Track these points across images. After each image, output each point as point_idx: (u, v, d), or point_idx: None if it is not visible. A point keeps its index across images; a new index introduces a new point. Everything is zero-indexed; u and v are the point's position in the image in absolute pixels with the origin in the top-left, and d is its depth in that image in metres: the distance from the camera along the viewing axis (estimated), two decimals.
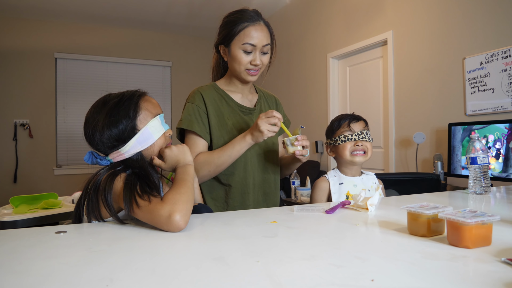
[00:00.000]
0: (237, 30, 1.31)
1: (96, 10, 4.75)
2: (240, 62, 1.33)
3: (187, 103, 1.39)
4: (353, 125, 1.39)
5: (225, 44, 1.35)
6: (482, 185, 1.34)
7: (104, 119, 0.99)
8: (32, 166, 4.99)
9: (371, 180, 1.42)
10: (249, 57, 1.32)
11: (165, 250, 0.72)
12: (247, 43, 1.30)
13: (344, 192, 1.37)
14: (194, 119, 1.35)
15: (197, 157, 1.32)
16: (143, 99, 1.05)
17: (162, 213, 0.83)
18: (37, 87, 5.03)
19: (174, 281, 0.54)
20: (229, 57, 1.35)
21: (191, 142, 1.35)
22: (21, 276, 0.57)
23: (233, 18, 1.33)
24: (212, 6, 4.69)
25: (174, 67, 5.80)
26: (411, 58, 3.02)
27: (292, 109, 4.59)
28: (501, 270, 0.56)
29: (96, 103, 1.05)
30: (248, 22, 1.32)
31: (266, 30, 1.34)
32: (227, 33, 1.33)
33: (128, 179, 0.94)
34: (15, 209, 2.12)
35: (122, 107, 1.00)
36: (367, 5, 3.46)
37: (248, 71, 1.35)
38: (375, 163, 3.45)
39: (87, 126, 1.02)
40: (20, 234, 0.84)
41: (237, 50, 1.32)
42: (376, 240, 0.76)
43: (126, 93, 1.05)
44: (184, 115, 1.37)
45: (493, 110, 2.40)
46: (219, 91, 1.42)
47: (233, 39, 1.32)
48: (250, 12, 1.35)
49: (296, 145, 1.28)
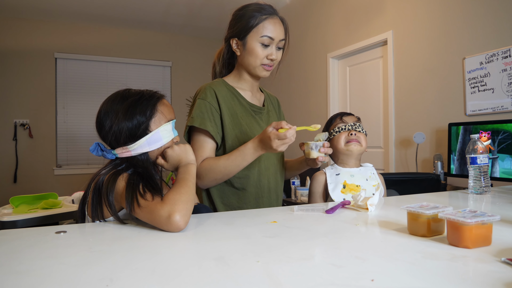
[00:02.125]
0: (255, 23, 1.26)
1: (96, 10, 4.75)
2: (257, 56, 1.27)
3: (198, 99, 1.29)
4: (346, 117, 1.42)
5: (240, 37, 1.29)
6: (482, 185, 1.34)
7: (123, 111, 1.00)
8: (32, 166, 4.99)
9: (369, 171, 1.39)
10: (266, 51, 1.28)
11: (165, 250, 0.72)
12: (265, 36, 1.26)
13: (340, 182, 1.34)
14: (207, 117, 1.26)
15: (203, 163, 1.23)
16: (161, 102, 1.07)
17: (162, 213, 0.83)
18: (37, 87, 5.03)
19: (174, 281, 0.54)
20: (244, 51, 1.29)
21: (200, 143, 1.26)
22: (21, 276, 0.57)
23: (250, 11, 1.28)
24: (212, 6, 4.69)
25: (174, 67, 5.80)
26: (411, 58, 3.02)
27: (292, 109, 4.59)
28: (501, 270, 0.56)
29: (115, 95, 1.05)
30: (267, 15, 1.28)
31: (282, 25, 1.31)
32: (243, 25, 1.27)
33: (130, 179, 0.94)
34: (15, 209, 2.12)
35: (141, 105, 1.02)
36: (367, 5, 3.46)
37: (263, 66, 1.30)
38: (375, 163, 3.45)
39: (102, 115, 1.02)
40: (20, 234, 0.84)
41: (254, 43, 1.26)
42: (376, 240, 0.76)
43: (146, 92, 1.06)
44: (196, 112, 1.26)
45: (493, 110, 2.40)
46: (230, 88, 1.34)
47: (251, 31, 1.26)
48: (267, 5, 1.31)
49: (322, 151, 1.24)
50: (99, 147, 1.02)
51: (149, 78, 5.64)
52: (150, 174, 0.99)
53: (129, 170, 1.00)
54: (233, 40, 1.32)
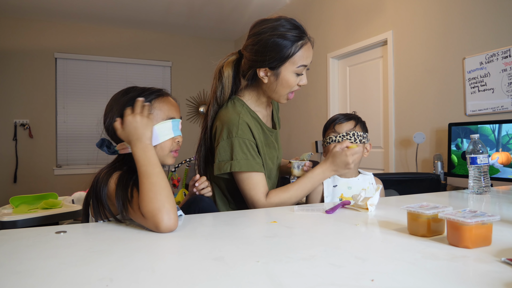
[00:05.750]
0: (291, 52, 1.14)
1: (96, 10, 4.75)
2: (290, 86, 1.18)
3: (236, 137, 1.18)
4: (339, 126, 1.34)
5: (272, 67, 1.17)
6: (482, 185, 1.33)
7: (120, 106, 1.00)
8: (32, 166, 4.99)
9: (368, 180, 1.37)
10: (298, 79, 1.19)
11: (165, 250, 0.72)
12: (302, 66, 1.16)
13: (337, 195, 1.32)
14: (251, 158, 1.19)
15: (271, 199, 1.18)
16: (161, 99, 1.05)
17: (148, 225, 0.84)
18: (37, 87, 5.03)
19: (174, 281, 0.54)
20: (276, 81, 1.19)
21: (253, 180, 1.19)
22: (21, 276, 0.56)
23: (282, 37, 1.14)
24: (212, 6, 4.69)
25: (174, 67, 5.80)
26: (411, 58, 3.02)
27: (292, 109, 4.60)
28: (501, 270, 0.56)
29: (120, 91, 1.06)
30: (302, 41, 1.15)
31: (311, 48, 1.21)
32: (277, 56, 1.14)
33: (120, 179, 0.93)
34: (15, 209, 2.12)
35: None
36: (367, 5, 3.46)
37: (291, 93, 1.22)
38: (375, 163, 3.45)
39: (105, 111, 1.04)
40: (20, 234, 0.84)
41: (289, 74, 1.17)
42: (376, 240, 0.76)
43: (148, 89, 1.06)
44: (239, 155, 1.17)
45: (493, 110, 2.40)
46: (252, 114, 1.27)
47: (286, 62, 1.15)
48: (297, 26, 1.16)
49: (304, 170, 1.27)
50: (104, 142, 1.02)
51: (149, 78, 5.63)
52: None
53: (124, 167, 1.00)
54: (260, 70, 1.19)
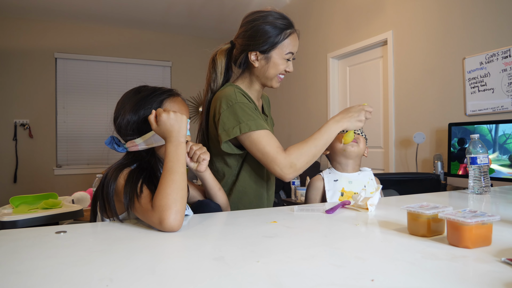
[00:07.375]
0: (281, 39, 1.25)
1: (96, 10, 4.75)
2: (279, 70, 1.28)
3: (236, 103, 1.21)
4: None
5: (262, 51, 1.26)
6: (482, 185, 1.33)
7: (130, 105, 1.02)
8: (32, 166, 4.99)
9: (368, 176, 1.39)
10: (285, 65, 1.29)
11: (165, 250, 0.72)
12: (290, 52, 1.26)
13: (338, 189, 1.33)
14: (257, 118, 1.21)
15: (290, 152, 1.18)
16: (171, 99, 1.07)
17: (153, 219, 0.84)
18: (37, 87, 5.03)
19: (174, 281, 0.54)
20: (266, 64, 1.28)
21: (266, 138, 1.18)
22: (21, 276, 0.57)
23: (272, 24, 1.24)
24: (212, 6, 4.69)
25: (174, 67, 5.80)
26: (411, 58, 3.02)
27: (292, 109, 4.60)
28: (501, 270, 0.56)
29: (130, 90, 1.08)
30: (291, 29, 1.26)
31: (297, 38, 1.31)
32: (268, 40, 1.24)
33: (130, 176, 0.94)
34: (15, 209, 2.11)
35: (149, 100, 1.03)
36: (367, 5, 3.46)
37: (278, 76, 1.31)
38: (375, 163, 3.45)
39: (116, 109, 1.05)
40: (20, 234, 0.84)
41: (279, 59, 1.26)
42: (376, 240, 0.76)
43: (159, 88, 1.08)
44: (244, 117, 1.19)
45: (493, 110, 2.40)
46: (246, 96, 1.30)
47: (276, 47, 1.25)
48: (287, 17, 1.28)
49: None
50: (114, 140, 1.03)
51: (149, 78, 5.63)
52: (154, 170, 0.99)
53: (134, 164, 1.00)
54: (251, 53, 1.27)
